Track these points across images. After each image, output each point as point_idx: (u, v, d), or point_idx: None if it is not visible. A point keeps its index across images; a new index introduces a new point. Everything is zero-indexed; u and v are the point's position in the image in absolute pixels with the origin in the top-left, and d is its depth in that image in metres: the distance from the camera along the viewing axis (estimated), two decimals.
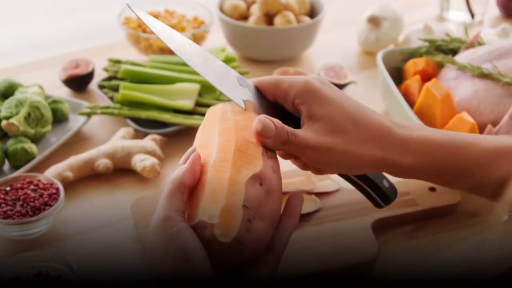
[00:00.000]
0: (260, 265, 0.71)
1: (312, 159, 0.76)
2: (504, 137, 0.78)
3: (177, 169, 0.71)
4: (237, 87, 0.78)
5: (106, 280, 0.97)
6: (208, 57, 0.79)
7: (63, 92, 1.38)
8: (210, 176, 0.70)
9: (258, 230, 0.68)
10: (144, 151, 1.15)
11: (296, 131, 0.75)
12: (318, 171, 0.81)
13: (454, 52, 1.32)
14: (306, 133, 0.75)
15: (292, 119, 0.79)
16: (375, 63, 1.50)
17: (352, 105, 0.76)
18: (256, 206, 0.69)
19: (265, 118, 0.73)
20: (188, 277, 0.66)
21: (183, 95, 1.26)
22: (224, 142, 0.73)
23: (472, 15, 1.69)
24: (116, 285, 0.96)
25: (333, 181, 1.09)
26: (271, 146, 0.74)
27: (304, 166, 0.81)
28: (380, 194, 0.86)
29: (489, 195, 0.79)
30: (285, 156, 0.80)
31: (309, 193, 1.07)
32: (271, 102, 0.80)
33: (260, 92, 0.80)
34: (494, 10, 1.75)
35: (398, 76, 1.30)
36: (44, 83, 1.31)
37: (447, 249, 1.02)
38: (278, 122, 0.74)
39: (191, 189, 0.71)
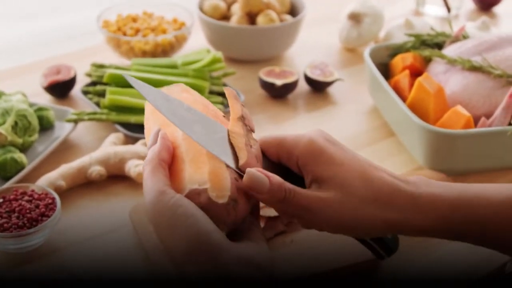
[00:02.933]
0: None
1: (307, 219, 0.71)
2: (509, 186, 0.76)
3: (149, 151, 0.71)
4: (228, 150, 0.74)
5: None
6: (208, 124, 0.74)
7: (45, 99, 1.34)
8: (185, 148, 0.71)
9: (245, 188, 0.70)
10: (137, 157, 1.12)
11: (297, 189, 0.70)
12: (305, 226, 0.75)
13: (439, 46, 1.32)
14: (309, 192, 0.71)
15: (297, 179, 0.74)
16: (358, 60, 1.51)
17: (360, 164, 0.72)
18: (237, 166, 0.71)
19: (257, 172, 0.69)
20: (202, 239, 0.65)
21: None
22: None
23: (449, 9, 1.70)
24: None
25: None
26: (265, 203, 0.71)
27: (288, 218, 0.75)
28: (382, 246, 0.79)
29: (502, 247, 0.75)
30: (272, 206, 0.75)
31: None
32: (275, 162, 0.76)
33: (263, 151, 0.76)
34: (469, 4, 1.77)
35: (384, 72, 1.30)
36: (24, 90, 1.27)
37: (451, 242, 1.02)
38: (275, 178, 0.70)
39: (169, 165, 0.71)
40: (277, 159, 0.75)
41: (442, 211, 0.71)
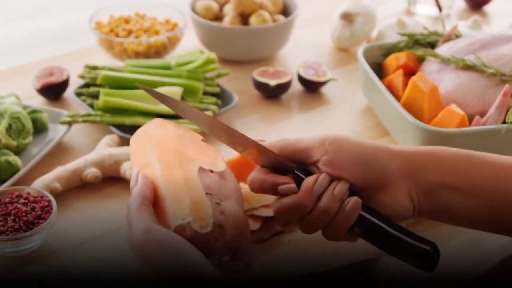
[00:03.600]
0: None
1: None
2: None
3: (132, 191, 0.76)
4: None
5: None
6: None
7: (38, 101, 1.34)
8: (164, 186, 0.76)
9: (230, 208, 0.74)
10: None
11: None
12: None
13: (431, 45, 1.33)
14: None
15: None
16: (350, 60, 1.52)
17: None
18: (217, 190, 0.75)
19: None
20: (190, 275, 0.67)
21: None
22: (160, 153, 0.80)
23: (440, 9, 1.70)
24: None
25: None
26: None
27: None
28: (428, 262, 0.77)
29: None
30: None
31: None
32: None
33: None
34: (460, 3, 1.78)
35: (377, 71, 1.30)
36: (17, 92, 1.26)
37: (449, 241, 1.03)
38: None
39: (152, 203, 0.75)
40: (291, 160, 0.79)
41: (448, 164, 0.79)
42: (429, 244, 0.76)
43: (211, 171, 0.77)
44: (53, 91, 1.33)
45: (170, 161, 0.78)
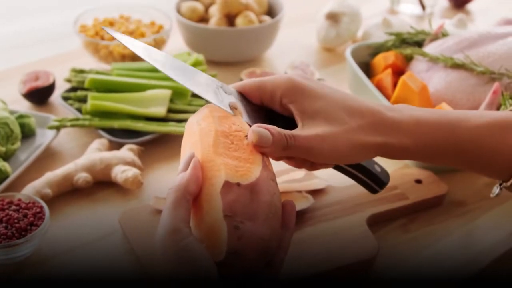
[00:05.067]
0: (262, 278, 0.70)
1: (313, 156, 0.74)
2: (492, 112, 0.79)
3: (178, 177, 0.70)
4: (223, 95, 0.77)
5: None
6: (190, 70, 0.78)
7: (23, 106, 1.32)
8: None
9: (251, 232, 0.67)
10: (123, 162, 1.11)
11: (295, 132, 0.73)
12: (313, 167, 0.80)
13: (419, 44, 1.33)
14: (304, 132, 0.73)
15: (281, 119, 0.77)
16: (336, 59, 1.52)
17: (341, 96, 0.76)
18: (240, 209, 0.67)
19: (259, 128, 0.72)
20: (200, 287, 0.64)
21: (155, 102, 1.23)
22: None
23: (423, 7, 1.71)
24: None
25: (320, 179, 1.08)
26: (270, 154, 0.73)
27: (298, 164, 0.79)
28: (374, 179, 0.86)
29: (483, 169, 0.80)
30: (277, 158, 0.78)
31: (299, 191, 1.06)
32: (257, 106, 0.79)
33: (244, 97, 0.78)
34: (443, 2, 1.79)
35: (365, 71, 1.30)
36: (1, 97, 1.25)
37: (441, 240, 1.03)
38: (274, 128, 0.72)
39: (195, 197, 0.69)
40: (259, 102, 0.78)
41: (425, 132, 0.76)
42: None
43: (239, 185, 0.68)
44: (39, 96, 1.31)
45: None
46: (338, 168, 0.85)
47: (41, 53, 1.52)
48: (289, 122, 0.76)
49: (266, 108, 0.78)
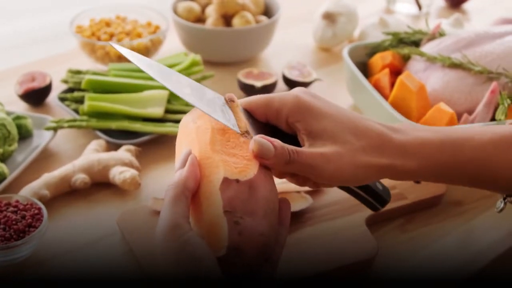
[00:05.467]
0: (261, 275, 0.70)
1: (316, 175, 0.73)
2: (494, 128, 0.79)
3: (176, 174, 0.70)
4: (229, 113, 0.76)
5: None
6: (196, 87, 0.77)
7: (20, 107, 1.32)
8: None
9: (251, 227, 0.67)
10: (121, 163, 1.11)
11: (299, 148, 0.73)
12: (316, 185, 0.79)
13: (416, 44, 1.33)
14: (309, 149, 0.73)
15: (286, 138, 0.76)
16: (333, 59, 1.52)
17: (347, 115, 0.76)
18: (240, 205, 0.68)
19: (261, 138, 0.71)
20: (201, 283, 0.64)
21: (152, 102, 1.23)
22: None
23: (419, 7, 1.71)
24: None
25: None
26: (272, 166, 0.73)
27: (302, 182, 0.79)
28: (375, 197, 0.85)
29: (488, 185, 0.80)
30: (281, 175, 0.77)
31: (297, 192, 1.06)
32: (263, 123, 0.78)
33: (250, 114, 0.77)
34: (439, 1, 1.79)
35: (362, 71, 1.30)
36: None
37: (438, 240, 1.03)
38: (277, 141, 0.72)
39: (193, 193, 0.70)
40: (265, 119, 0.77)
41: (429, 154, 0.75)
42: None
43: (237, 181, 0.69)
44: (36, 97, 1.31)
45: None
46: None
47: (37, 54, 1.52)
48: (294, 141, 0.75)
49: (272, 125, 0.78)
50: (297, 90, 0.76)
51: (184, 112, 1.25)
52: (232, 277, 0.68)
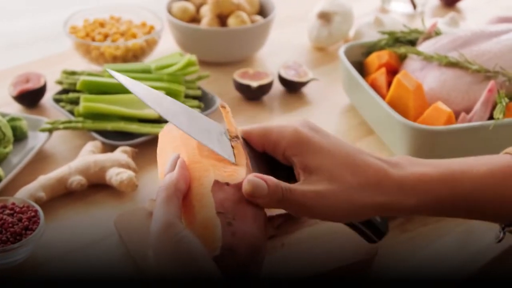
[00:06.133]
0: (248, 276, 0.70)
1: (310, 213, 0.72)
2: (492, 158, 0.77)
3: (166, 177, 0.70)
4: (226, 142, 0.75)
5: None
6: (192, 115, 0.75)
7: (14, 109, 1.31)
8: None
9: (243, 229, 0.68)
10: (118, 165, 1.10)
11: (293, 186, 0.71)
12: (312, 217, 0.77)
13: (412, 43, 1.33)
14: (303, 187, 0.71)
15: (282, 168, 0.76)
16: (328, 59, 1.51)
17: (346, 151, 0.74)
18: (231, 207, 0.68)
19: (255, 178, 0.70)
20: (199, 280, 0.64)
21: None
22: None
23: (414, 6, 1.71)
24: None
25: None
26: (264, 205, 0.71)
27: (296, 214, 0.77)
28: (372, 230, 0.82)
29: (487, 217, 0.78)
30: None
31: None
32: (259, 152, 0.77)
33: (247, 142, 0.77)
34: (433, 0, 1.78)
35: (358, 70, 1.30)
36: None
37: (438, 240, 1.03)
38: (271, 180, 0.70)
39: (184, 196, 0.70)
40: (262, 149, 0.76)
41: (428, 190, 0.73)
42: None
43: (227, 184, 0.70)
44: (30, 98, 1.30)
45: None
46: None
47: (30, 55, 1.51)
48: (290, 172, 0.75)
49: (268, 156, 0.77)
50: (297, 123, 0.75)
51: None
52: (227, 278, 0.68)
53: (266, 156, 0.77)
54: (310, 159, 0.73)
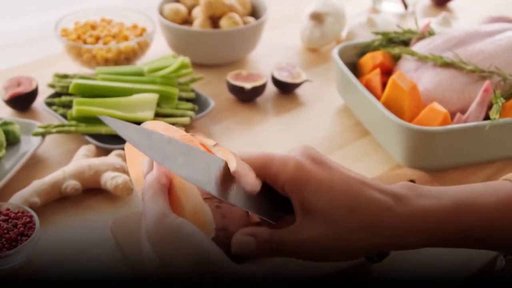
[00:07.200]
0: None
1: (303, 258, 0.70)
2: (496, 188, 0.75)
3: (147, 177, 0.69)
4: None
5: None
6: (191, 153, 0.71)
7: (6, 113, 1.29)
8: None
9: (231, 210, 0.69)
10: (112, 169, 1.09)
11: (285, 236, 0.68)
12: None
13: (405, 43, 1.33)
14: (296, 235, 0.69)
15: (281, 199, 0.73)
16: (321, 60, 1.51)
17: (349, 187, 0.70)
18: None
19: (242, 237, 0.67)
20: (209, 258, 0.63)
21: (142, 106, 1.21)
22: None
23: (405, 6, 1.71)
24: None
25: None
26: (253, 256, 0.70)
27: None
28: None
29: (493, 247, 0.77)
30: None
31: None
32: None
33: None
34: (424, 0, 1.79)
35: (352, 71, 1.29)
36: None
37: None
38: (261, 236, 0.67)
39: (167, 190, 0.69)
40: (262, 179, 0.72)
41: (433, 226, 0.71)
42: None
43: None
44: (22, 102, 1.29)
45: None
46: None
47: (19, 57, 1.49)
48: (288, 203, 0.72)
49: (268, 185, 0.74)
50: (299, 154, 0.71)
51: (174, 116, 1.23)
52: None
53: (265, 185, 0.73)
54: (309, 198, 0.69)
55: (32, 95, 1.29)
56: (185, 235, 0.64)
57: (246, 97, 1.33)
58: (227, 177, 0.71)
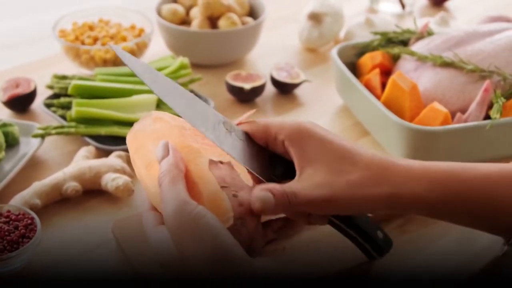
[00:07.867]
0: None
1: (314, 209, 0.72)
2: (502, 164, 0.77)
3: (163, 162, 0.70)
4: (224, 134, 0.74)
5: None
6: (192, 100, 0.75)
7: (4, 114, 1.29)
8: None
9: (247, 200, 0.70)
10: (113, 170, 1.09)
11: (295, 189, 0.70)
12: (309, 221, 0.77)
13: (404, 43, 1.33)
14: (303, 182, 0.71)
15: (282, 163, 0.76)
16: (320, 60, 1.51)
17: (350, 145, 0.73)
18: (231, 181, 0.71)
19: (263, 192, 0.69)
20: (227, 251, 0.64)
21: (141, 107, 1.21)
22: None
23: (403, 6, 1.71)
24: None
25: None
26: (271, 214, 0.72)
27: (294, 217, 0.78)
28: (374, 246, 0.82)
29: (493, 226, 0.78)
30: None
31: None
32: (260, 148, 0.76)
33: (249, 137, 0.76)
34: (421, 0, 1.79)
35: (351, 71, 1.29)
36: None
37: (438, 240, 1.03)
38: (276, 188, 0.70)
39: (184, 176, 0.70)
40: (264, 143, 0.76)
41: (435, 178, 0.72)
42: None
43: (221, 162, 0.73)
44: (20, 103, 1.28)
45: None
46: (336, 227, 0.81)
47: (17, 57, 1.49)
48: (289, 167, 0.74)
49: (269, 151, 0.77)
50: (301, 119, 0.75)
51: None
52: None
53: (266, 152, 0.76)
54: (310, 149, 0.72)
55: (30, 96, 1.29)
56: (204, 227, 0.64)
57: (245, 97, 1.33)
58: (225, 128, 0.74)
